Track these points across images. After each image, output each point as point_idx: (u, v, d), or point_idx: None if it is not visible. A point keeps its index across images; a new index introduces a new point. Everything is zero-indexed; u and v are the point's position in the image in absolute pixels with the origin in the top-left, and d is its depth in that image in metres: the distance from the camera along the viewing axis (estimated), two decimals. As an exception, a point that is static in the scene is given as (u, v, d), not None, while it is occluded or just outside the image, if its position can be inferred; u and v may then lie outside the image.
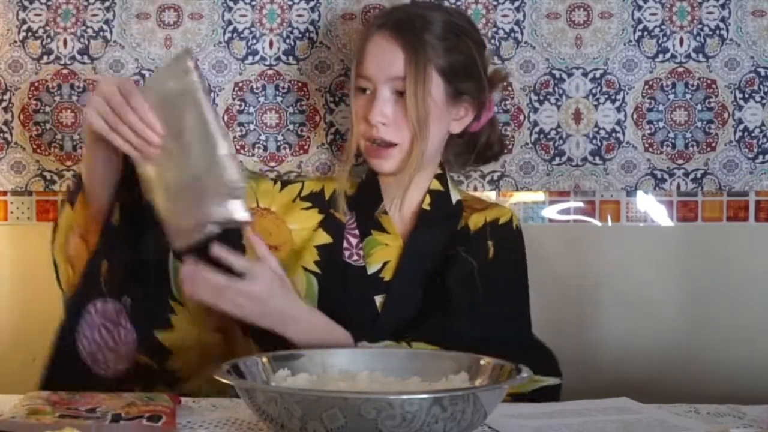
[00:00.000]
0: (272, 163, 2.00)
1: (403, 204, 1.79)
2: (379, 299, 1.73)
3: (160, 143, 1.51)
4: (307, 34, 2.00)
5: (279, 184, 1.83)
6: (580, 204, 2.01)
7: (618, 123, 2.00)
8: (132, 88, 1.51)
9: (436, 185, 1.80)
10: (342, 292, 1.75)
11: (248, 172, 1.86)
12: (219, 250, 1.52)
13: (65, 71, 2.00)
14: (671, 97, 1.99)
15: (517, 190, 2.00)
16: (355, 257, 1.76)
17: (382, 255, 1.76)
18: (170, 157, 1.52)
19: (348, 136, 1.81)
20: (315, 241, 1.78)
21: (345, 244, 1.77)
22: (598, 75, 1.99)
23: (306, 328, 1.58)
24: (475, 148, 1.87)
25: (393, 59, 1.71)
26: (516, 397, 1.54)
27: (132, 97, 1.50)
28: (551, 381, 1.66)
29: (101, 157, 1.59)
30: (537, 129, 2.00)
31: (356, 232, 1.78)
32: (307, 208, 1.80)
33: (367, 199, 1.80)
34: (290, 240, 1.78)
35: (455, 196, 1.82)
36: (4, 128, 2.01)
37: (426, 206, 1.79)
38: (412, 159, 1.72)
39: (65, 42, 2.00)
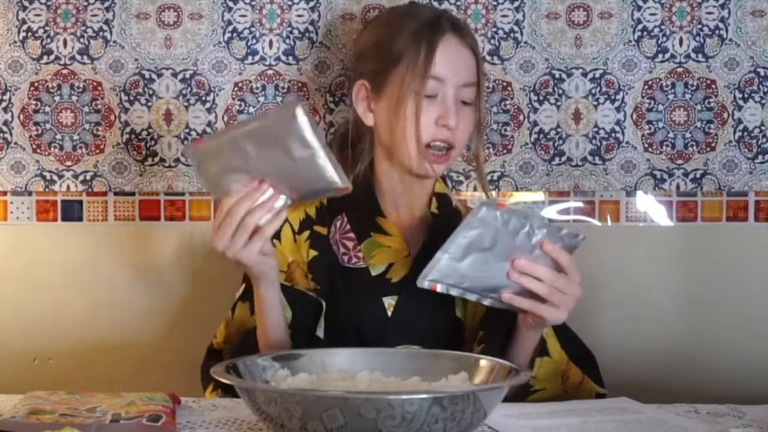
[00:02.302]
0: (272, 163, 2.00)
1: (402, 206, 1.78)
2: (388, 300, 1.72)
3: (274, 190, 1.52)
4: (307, 34, 2.00)
5: (274, 240, 1.75)
6: (580, 204, 2.01)
7: (617, 123, 2.00)
8: (221, 212, 1.52)
9: (441, 188, 1.79)
10: (345, 298, 1.73)
11: None
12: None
13: (65, 71, 2.01)
14: (671, 97, 2.00)
15: (517, 190, 2.01)
16: (355, 260, 1.75)
17: (385, 257, 1.75)
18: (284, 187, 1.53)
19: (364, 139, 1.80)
20: (305, 261, 1.77)
21: (342, 249, 1.76)
22: (597, 75, 1.99)
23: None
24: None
25: (469, 65, 1.72)
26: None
27: (224, 207, 1.51)
28: (603, 391, 1.67)
29: (274, 287, 1.61)
30: (537, 129, 2.00)
31: (352, 235, 1.77)
32: (308, 238, 1.77)
33: (362, 201, 1.78)
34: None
35: (453, 200, 1.82)
36: (4, 128, 2.01)
37: (434, 209, 1.77)
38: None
39: (65, 42, 2.00)
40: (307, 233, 1.77)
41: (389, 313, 1.72)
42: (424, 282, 1.51)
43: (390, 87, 1.72)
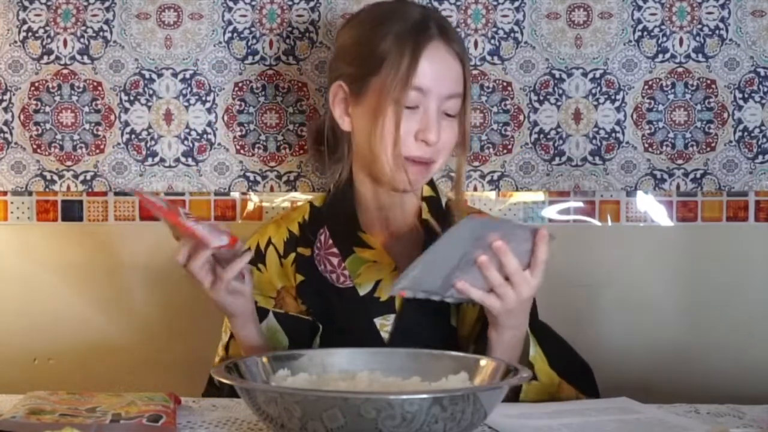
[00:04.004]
0: (272, 163, 2.01)
1: (389, 218, 1.71)
2: (379, 321, 1.66)
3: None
4: (307, 34, 2.00)
5: (260, 264, 1.71)
6: (580, 204, 2.01)
7: (618, 123, 2.00)
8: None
9: (429, 191, 1.73)
10: (338, 320, 1.68)
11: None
12: None
13: (65, 71, 2.01)
14: (671, 97, 2.00)
15: (517, 190, 2.01)
16: (342, 278, 1.67)
17: (372, 274, 1.67)
18: None
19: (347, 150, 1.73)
20: (293, 285, 1.72)
21: (328, 267, 1.68)
22: (597, 75, 1.99)
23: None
24: None
25: (455, 75, 1.62)
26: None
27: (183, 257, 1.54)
28: None
29: (250, 317, 1.61)
30: (537, 129, 2.00)
31: (335, 250, 1.69)
32: (293, 261, 1.71)
33: (341, 213, 1.71)
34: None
35: (443, 199, 1.76)
36: (4, 128, 2.01)
37: (426, 215, 1.70)
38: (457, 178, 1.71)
39: (65, 42, 2.00)
40: (292, 256, 1.71)
41: (382, 334, 1.65)
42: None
43: (370, 93, 1.62)
